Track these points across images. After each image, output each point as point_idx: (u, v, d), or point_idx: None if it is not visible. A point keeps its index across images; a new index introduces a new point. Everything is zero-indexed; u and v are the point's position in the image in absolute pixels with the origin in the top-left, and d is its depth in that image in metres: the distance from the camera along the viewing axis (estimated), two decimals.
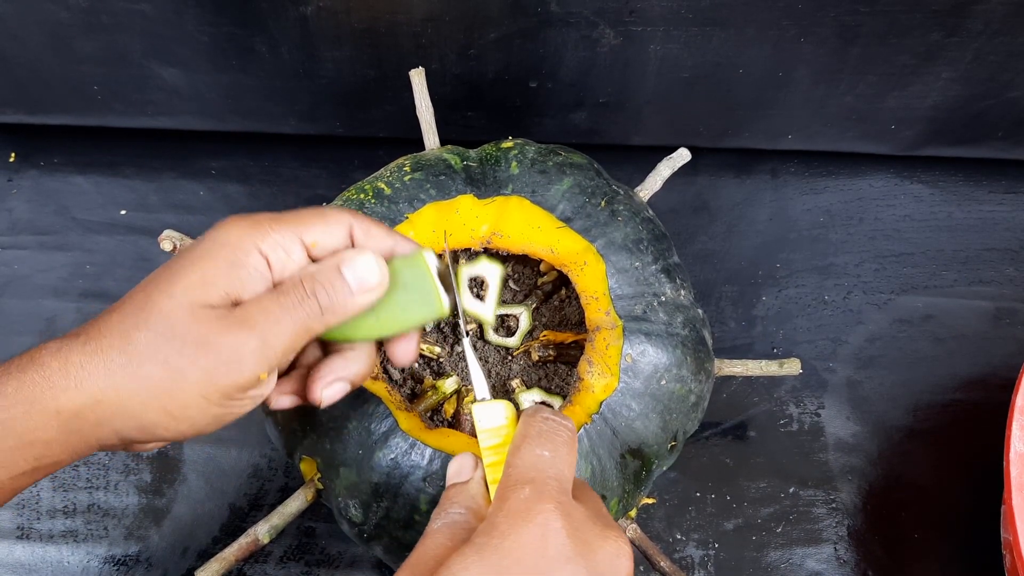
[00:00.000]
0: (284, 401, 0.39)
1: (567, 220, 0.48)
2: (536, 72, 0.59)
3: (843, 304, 0.63)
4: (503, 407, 0.37)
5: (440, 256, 0.40)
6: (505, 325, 0.52)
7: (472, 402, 0.38)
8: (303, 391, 0.39)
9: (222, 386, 0.35)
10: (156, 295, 0.35)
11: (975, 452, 0.58)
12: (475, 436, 0.44)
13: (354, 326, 0.38)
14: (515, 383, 0.50)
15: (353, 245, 0.39)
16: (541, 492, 0.33)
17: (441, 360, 0.52)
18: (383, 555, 0.47)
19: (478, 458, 0.37)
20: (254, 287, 0.36)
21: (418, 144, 0.54)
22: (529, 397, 0.50)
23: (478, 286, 0.51)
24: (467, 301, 0.51)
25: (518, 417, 0.37)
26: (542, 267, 0.53)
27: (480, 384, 0.39)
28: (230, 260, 0.36)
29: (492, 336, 0.52)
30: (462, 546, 0.32)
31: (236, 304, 0.36)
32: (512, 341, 0.52)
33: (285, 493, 0.56)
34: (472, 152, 0.51)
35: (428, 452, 0.43)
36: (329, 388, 0.39)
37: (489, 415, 0.37)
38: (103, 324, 0.35)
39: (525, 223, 0.48)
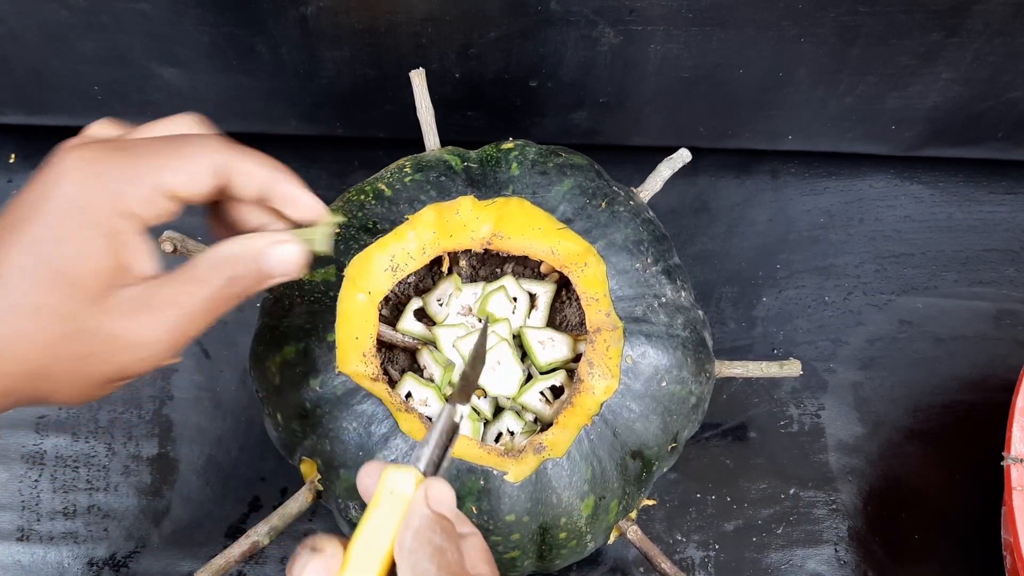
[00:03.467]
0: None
1: (568, 221, 0.47)
2: (536, 72, 0.59)
3: (843, 305, 0.63)
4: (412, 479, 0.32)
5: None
6: None
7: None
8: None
9: (118, 372, 0.34)
10: (11, 253, 0.32)
11: (976, 453, 0.58)
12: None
13: None
14: None
15: (225, 190, 0.36)
16: None
17: None
18: None
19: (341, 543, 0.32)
20: (139, 258, 0.34)
21: (418, 145, 0.54)
22: (532, 392, 0.50)
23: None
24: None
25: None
26: (542, 268, 0.53)
27: (426, 452, 0.33)
28: (101, 232, 0.33)
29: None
30: None
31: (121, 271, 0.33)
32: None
33: (285, 495, 0.56)
34: (472, 153, 0.51)
35: None
36: None
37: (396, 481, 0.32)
38: None
39: (526, 224, 0.48)
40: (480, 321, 0.50)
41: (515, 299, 0.50)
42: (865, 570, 0.56)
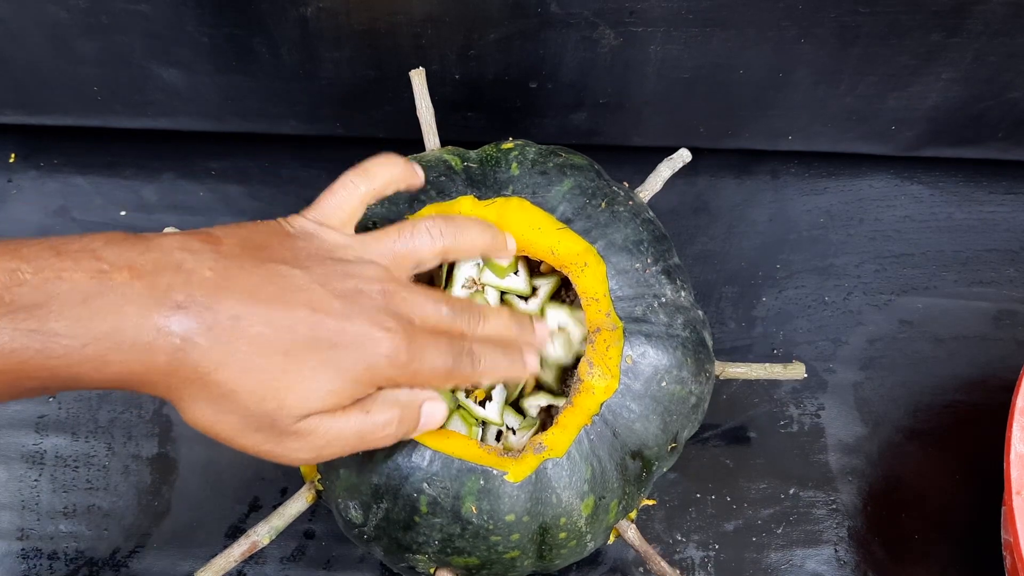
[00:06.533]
0: None
1: (567, 221, 0.48)
2: (536, 73, 0.59)
3: (843, 305, 0.63)
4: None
5: None
6: None
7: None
8: None
9: (251, 450, 0.37)
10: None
11: (975, 453, 0.58)
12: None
13: None
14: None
15: None
16: None
17: None
18: (383, 557, 0.47)
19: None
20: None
21: (418, 145, 0.54)
22: (535, 402, 0.50)
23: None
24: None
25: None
26: (542, 268, 0.53)
27: None
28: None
29: None
30: None
31: None
32: None
33: (285, 495, 0.56)
34: (472, 153, 0.51)
35: (428, 454, 0.43)
36: None
37: None
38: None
39: (525, 224, 0.48)
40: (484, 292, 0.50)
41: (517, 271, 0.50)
42: (865, 570, 0.56)
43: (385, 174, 0.43)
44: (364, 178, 0.42)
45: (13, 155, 0.66)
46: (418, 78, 0.53)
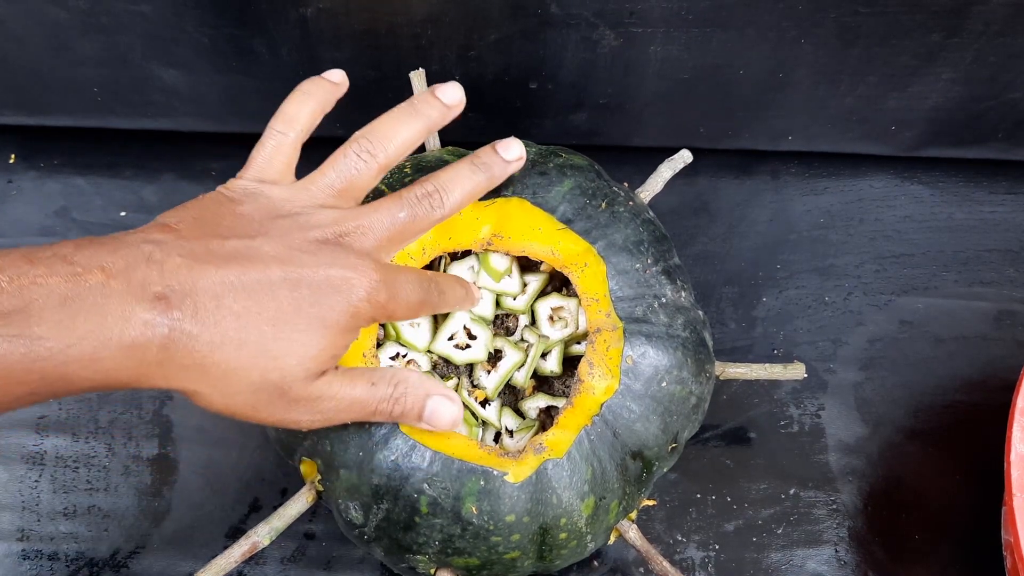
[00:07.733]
0: None
1: (568, 222, 0.48)
2: (536, 73, 0.59)
3: (843, 305, 0.63)
4: None
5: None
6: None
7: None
8: None
9: (277, 423, 0.39)
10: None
11: (976, 453, 0.58)
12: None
13: None
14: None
15: None
16: None
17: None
18: (383, 557, 0.47)
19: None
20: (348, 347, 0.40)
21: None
22: (534, 404, 0.50)
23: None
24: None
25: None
26: (542, 268, 0.53)
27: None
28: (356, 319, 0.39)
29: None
30: None
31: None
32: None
33: (285, 495, 0.56)
34: None
35: (429, 454, 0.43)
36: None
37: None
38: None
39: (526, 225, 0.48)
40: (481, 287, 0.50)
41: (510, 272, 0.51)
42: (865, 570, 0.56)
43: (305, 110, 0.44)
44: (287, 124, 0.43)
45: (13, 155, 0.66)
46: (418, 79, 0.53)
